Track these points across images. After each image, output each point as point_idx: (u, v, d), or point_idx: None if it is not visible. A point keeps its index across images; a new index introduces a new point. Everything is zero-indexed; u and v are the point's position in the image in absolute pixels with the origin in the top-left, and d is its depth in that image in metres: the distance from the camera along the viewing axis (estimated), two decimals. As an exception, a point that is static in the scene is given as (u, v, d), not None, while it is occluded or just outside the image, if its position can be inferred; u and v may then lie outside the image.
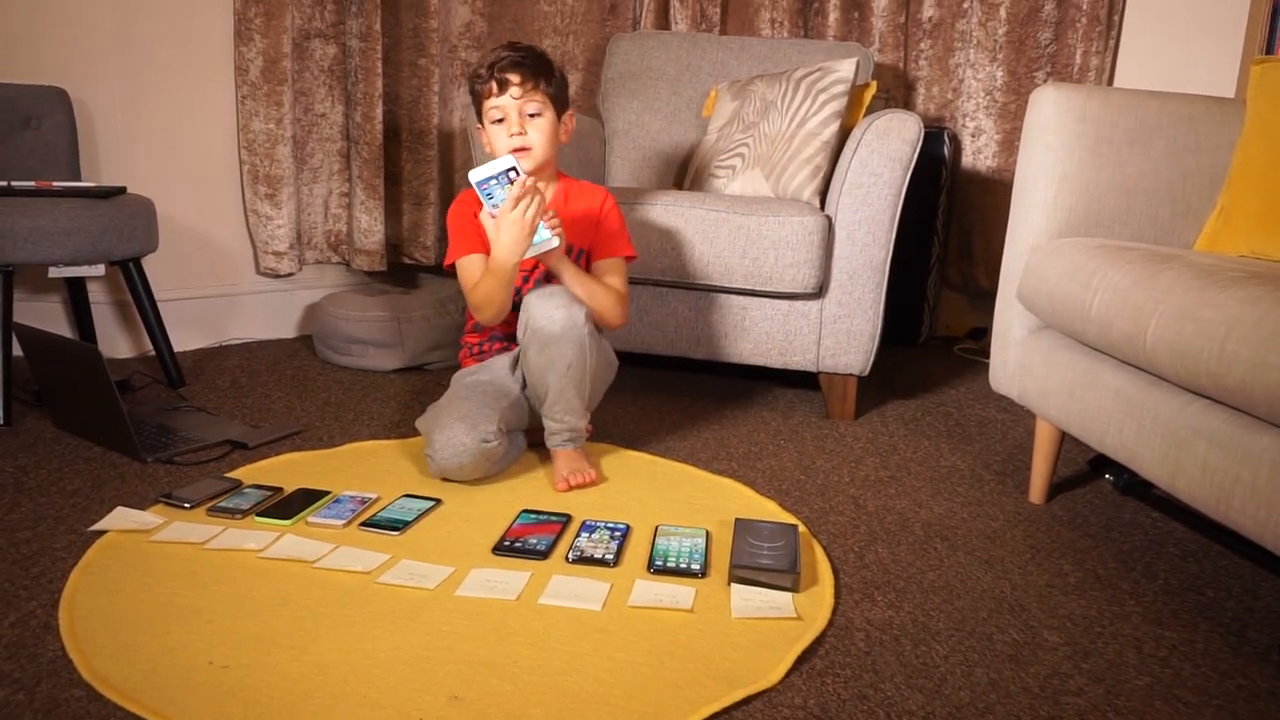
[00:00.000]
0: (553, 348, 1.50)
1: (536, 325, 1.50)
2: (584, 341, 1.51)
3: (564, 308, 1.49)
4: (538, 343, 1.51)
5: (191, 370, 2.16)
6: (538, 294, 1.52)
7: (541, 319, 1.50)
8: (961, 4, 2.64)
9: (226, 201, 2.41)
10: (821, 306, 1.92)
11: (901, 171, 1.86)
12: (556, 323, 1.49)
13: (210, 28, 2.31)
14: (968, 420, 2.03)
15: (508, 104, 1.59)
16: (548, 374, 1.52)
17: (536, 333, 1.51)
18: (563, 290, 1.53)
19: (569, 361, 1.51)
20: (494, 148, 1.62)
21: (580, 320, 1.50)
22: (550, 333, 1.50)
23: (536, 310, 1.50)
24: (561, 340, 1.50)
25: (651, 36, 2.60)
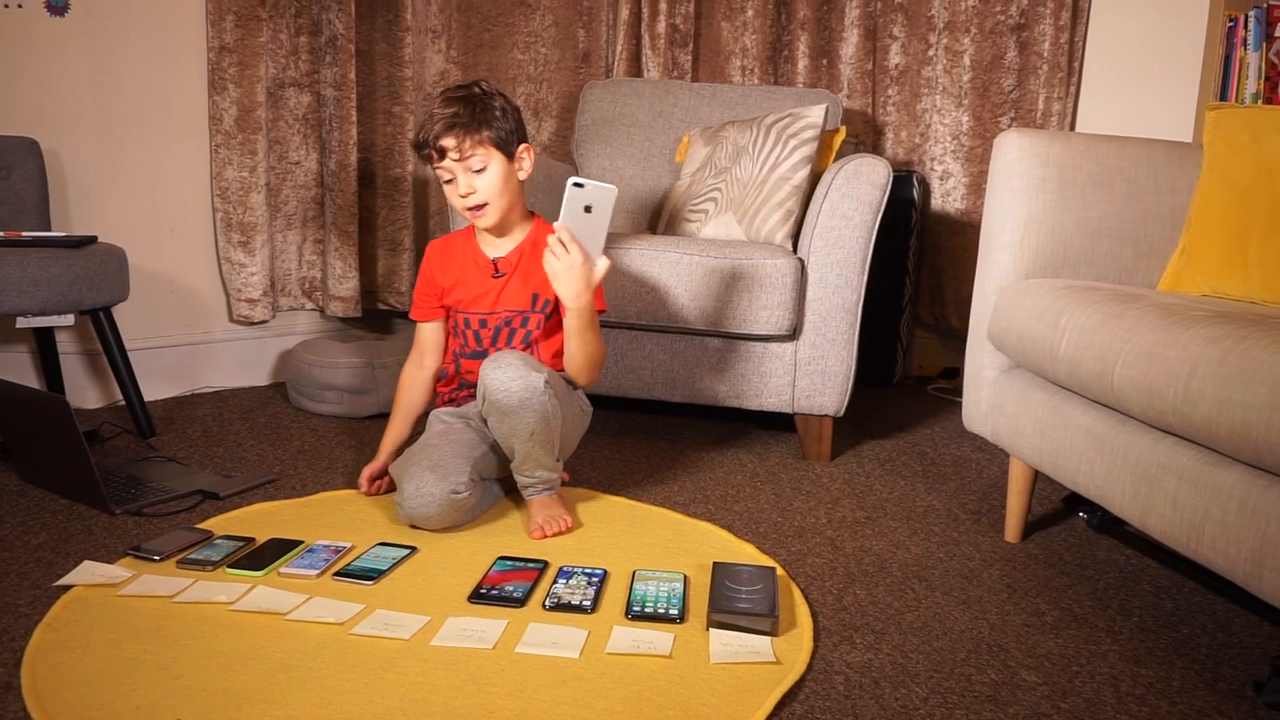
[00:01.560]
0: (513, 417, 1.47)
1: (493, 398, 1.46)
2: (545, 408, 1.46)
3: (520, 378, 1.44)
4: (497, 413, 1.48)
5: (162, 420, 2.14)
6: (492, 363, 1.47)
7: (498, 391, 1.45)
8: (926, 52, 2.71)
9: (199, 249, 2.40)
10: (796, 348, 1.94)
11: (872, 214, 1.89)
12: (514, 395, 1.45)
13: (184, 77, 2.32)
14: (943, 460, 2.05)
15: (451, 166, 1.55)
16: (512, 439, 1.50)
17: (494, 404, 1.47)
18: (517, 357, 1.47)
19: (531, 429, 1.48)
20: (450, 204, 1.62)
21: (539, 386, 1.45)
22: (508, 405, 1.46)
23: (491, 382, 1.46)
24: (520, 410, 1.46)
25: (624, 84, 2.64)
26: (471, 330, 1.65)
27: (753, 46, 2.81)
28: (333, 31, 2.41)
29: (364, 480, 1.66)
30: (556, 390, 1.50)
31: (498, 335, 1.64)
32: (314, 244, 2.55)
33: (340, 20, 2.40)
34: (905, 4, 2.71)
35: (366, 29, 2.51)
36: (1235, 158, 1.52)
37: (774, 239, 2.00)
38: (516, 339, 1.63)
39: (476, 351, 1.65)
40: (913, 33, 2.71)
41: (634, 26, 2.81)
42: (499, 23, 2.72)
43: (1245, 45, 2.14)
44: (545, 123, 2.81)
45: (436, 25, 2.65)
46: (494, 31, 2.72)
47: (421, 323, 1.73)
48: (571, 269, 1.46)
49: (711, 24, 2.84)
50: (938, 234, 2.75)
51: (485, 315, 1.64)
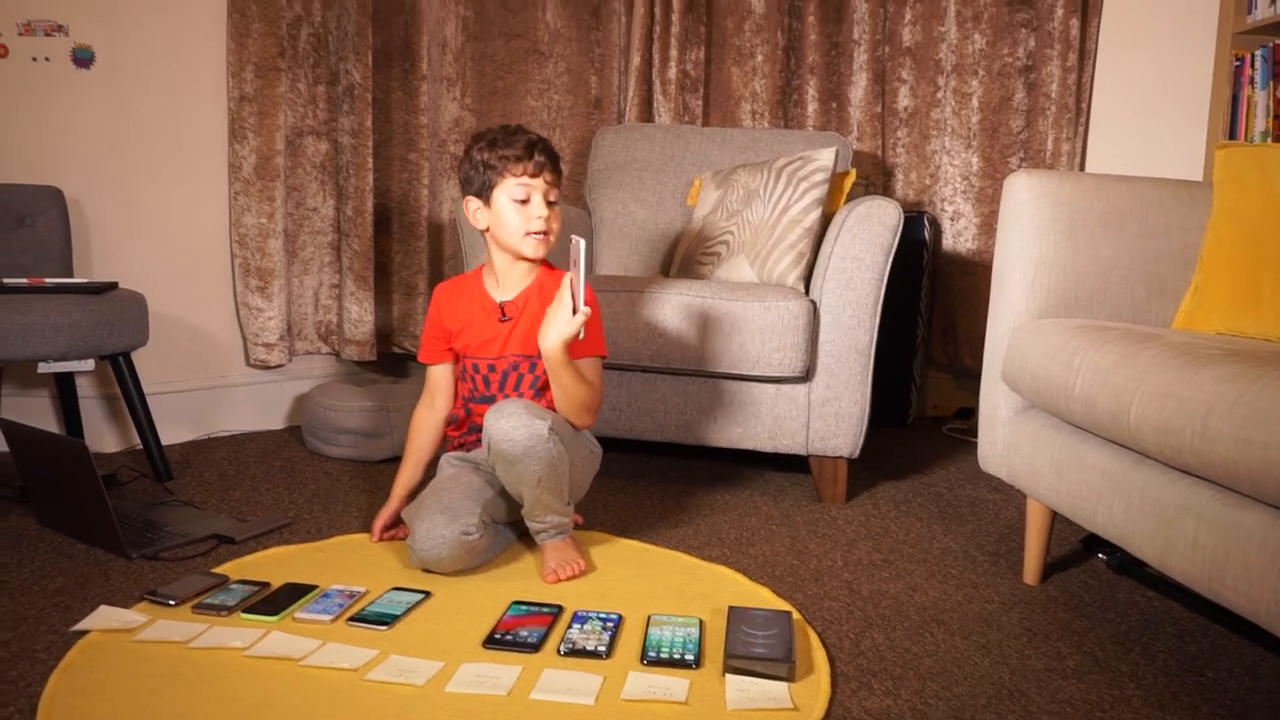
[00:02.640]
0: (519, 465, 1.47)
1: (498, 447, 1.46)
2: (550, 454, 1.46)
3: (523, 426, 1.44)
4: (503, 462, 1.48)
5: (179, 464, 2.15)
6: (496, 412, 1.47)
7: (502, 441, 1.45)
8: (935, 94, 2.74)
9: (217, 295, 2.43)
10: (809, 390, 1.94)
11: (883, 256, 1.90)
12: (518, 443, 1.45)
13: (205, 127, 2.36)
14: (959, 501, 2.03)
15: (539, 186, 1.57)
16: (520, 486, 1.50)
17: (499, 454, 1.47)
18: (520, 405, 1.47)
19: (538, 476, 1.47)
20: (506, 226, 1.58)
21: (543, 434, 1.45)
22: (513, 454, 1.46)
23: (495, 431, 1.46)
24: (526, 457, 1.46)
25: (636, 129, 2.68)
26: (480, 375, 1.66)
27: (763, 91, 2.85)
28: (350, 81, 2.46)
29: (376, 529, 1.66)
30: (562, 435, 1.50)
31: (505, 380, 1.64)
32: (330, 289, 2.58)
33: (358, 70, 2.45)
34: (913, 48, 2.75)
35: (383, 78, 2.56)
36: (1245, 196, 1.52)
37: (786, 281, 2.01)
38: (525, 384, 1.63)
39: (485, 396, 1.65)
40: (921, 76, 2.75)
41: (645, 73, 2.86)
42: (513, 70, 2.77)
43: (1253, 84, 2.15)
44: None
45: (451, 74, 2.70)
46: (508, 79, 2.77)
47: (431, 366, 1.74)
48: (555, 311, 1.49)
49: (722, 69, 2.88)
50: (950, 274, 2.75)
51: (493, 360, 1.64)
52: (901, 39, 2.76)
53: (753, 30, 2.84)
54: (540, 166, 1.57)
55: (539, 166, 1.57)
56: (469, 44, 2.71)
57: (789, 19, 2.84)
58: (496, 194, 1.59)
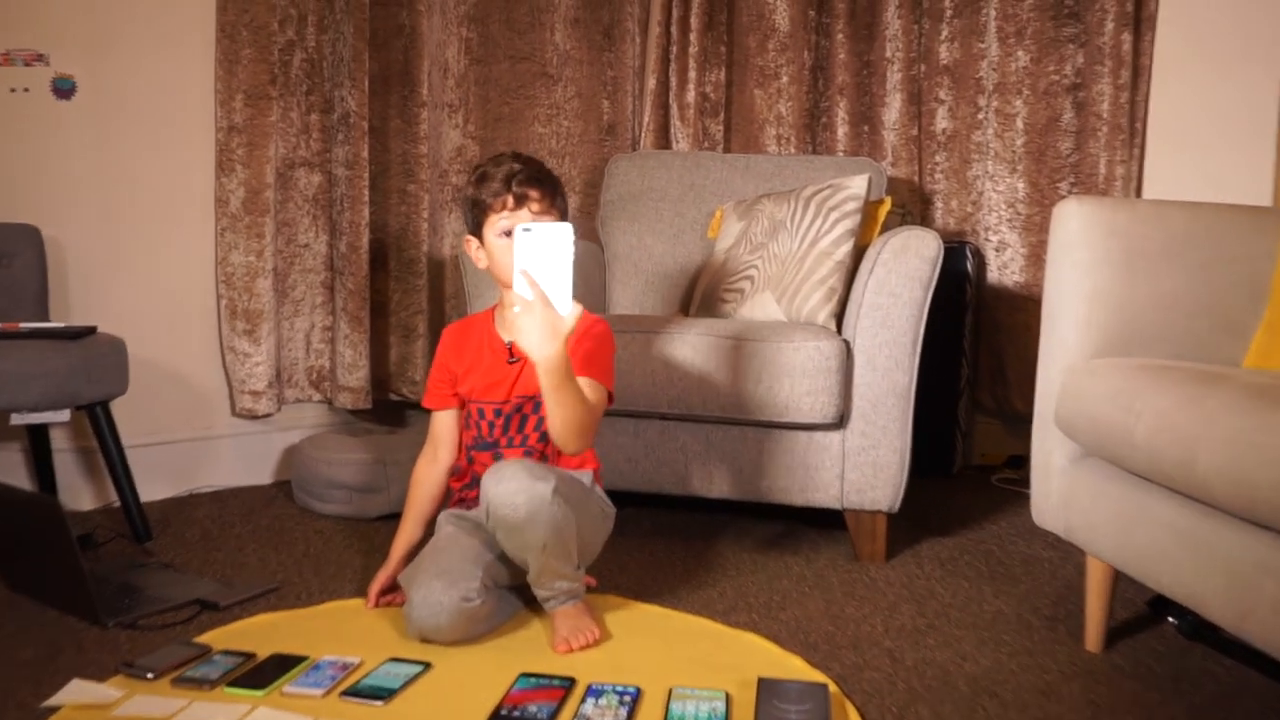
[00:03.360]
0: (522, 533, 1.46)
1: (499, 514, 1.46)
2: (555, 519, 1.45)
3: (524, 489, 1.44)
4: (504, 529, 1.48)
5: (159, 522, 2.16)
6: (493, 476, 1.46)
7: (502, 507, 1.45)
8: (976, 115, 2.76)
9: (202, 339, 2.46)
10: (844, 438, 1.93)
11: (922, 291, 1.90)
12: (519, 509, 1.44)
13: (191, 159, 2.41)
14: (1011, 559, 2.01)
15: (524, 219, 1.57)
16: (524, 554, 1.50)
17: (500, 521, 1.46)
18: (520, 467, 1.46)
19: (543, 542, 1.47)
20: (498, 264, 1.60)
21: (546, 497, 1.44)
22: (514, 520, 1.45)
23: (494, 497, 1.45)
24: (529, 524, 1.45)
25: (652, 156, 2.71)
26: (485, 421, 1.66)
27: (788, 114, 2.88)
28: (345, 108, 2.51)
29: (372, 594, 1.66)
30: (568, 496, 1.49)
31: (509, 424, 1.65)
32: (322, 331, 2.60)
33: (353, 97, 2.50)
34: (951, 66, 2.78)
35: (380, 105, 2.61)
36: (1319, 224, 1.52)
37: (816, 319, 2.02)
38: (529, 426, 1.64)
39: (488, 443, 1.66)
40: (960, 96, 2.77)
41: (661, 96, 2.90)
42: (519, 95, 2.81)
43: (1323, 102, 2.15)
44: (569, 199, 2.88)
45: (454, 99, 2.74)
46: (514, 104, 2.81)
47: (435, 412, 1.75)
48: (530, 315, 1.39)
49: (744, 92, 2.92)
50: (996, 310, 2.75)
51: (499, 404, 1.66)
52: (938, 56, 2.79)
53: (777, 49, 2.88)
54: (520, 198, 1.58)
55: (519, 199, 1.58)
56: (472, 68, 2.76)
57: (816, 37, 2.88)
58: (486, 232, 1.62)
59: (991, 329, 2.77)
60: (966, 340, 2.67)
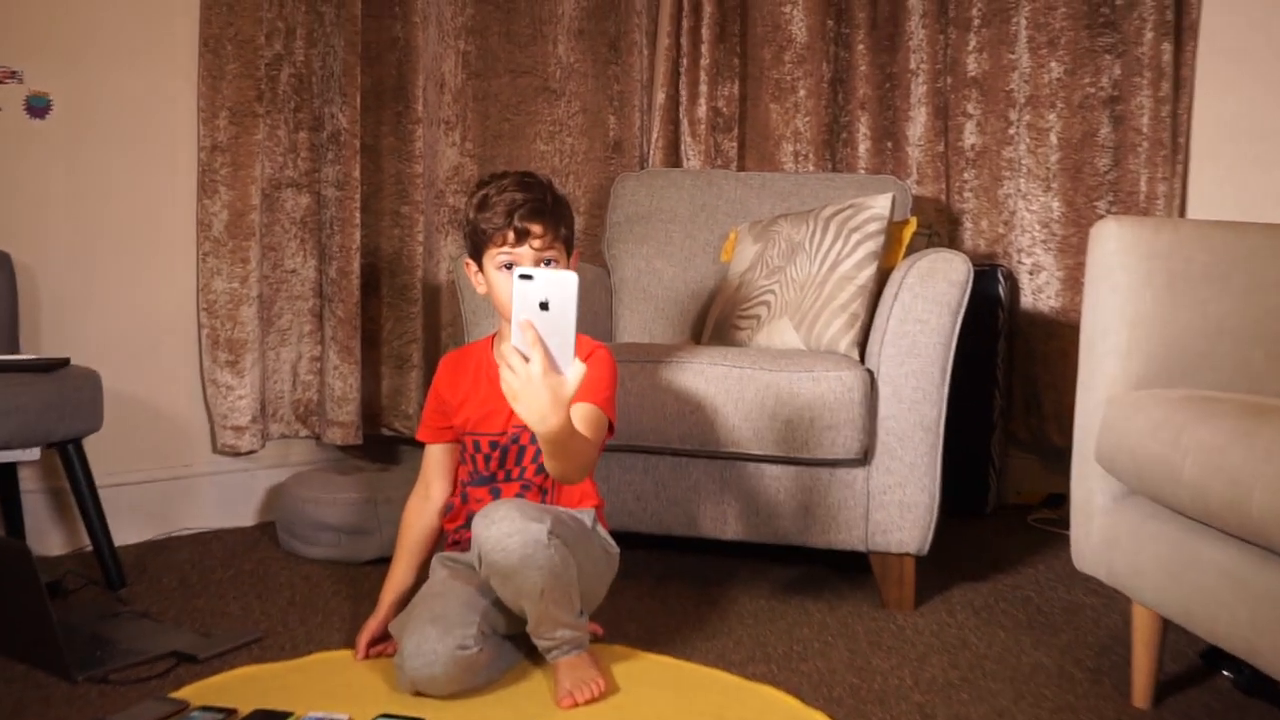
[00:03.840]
0: (516, 579, 1.46)
1: (490, 559, 1.45)
2: (552, 563, 1.45)
3: (517, 532, 1.43)
4: (497, 576, 1.47)
5: (134, 567, 2.16)
6: (484, 519, 1.46)
7: (494, 551, 1.44)
8: (1007, 130, 2.77)
9: (182, 371, 2.47)
10: (868, 474, 1.92)
11: (950, 317, 1.90)
12: (512, 553, 1.43)
13: (172, 181, 2.43)
14: (1051, 606, 2.00)
15: (525, 254, 1.59)
16: (520, 601, 1.49)
17: (492, 566, 1.46)
18: (512, 507, 1.46)
19: (540, 588, 1.46)
20: (502, 298, 1.61)
21: (541, 539, 1.43)
22: (507, 565, 1.44)
23: (485, 541, 1.44)
24: (523, 569, 1.44)
25: (661, 175, 2.72)
26: (481, 454, 1.66)
27: (806, 130, 2.89)
28: (336, 126, 2.53)
29: (361, 645, 1.65)
30: (567, 536, 1.49)
31: (506, 456, 1.65)
32: (310, 362, 2.61)
33: (344, 114, 2.52)
34: (979, 78, 2.79)
35: (373, 122, 2.63)
36: (1376, 244, 1.52)
37: (837, 347, 2.02)
38: (527, 458, 1.64)
39: (484, 477, 1.66)
40: (989, 110, 2.78)
41: (671, 111, 2.91)
42: (520, 111, 2.83)
43: (1378, 114, 2.16)
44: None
45: (450, 116, 2.77)
46: (514, 121, 2.83)
47: (428, 445, 1.75)
48: (530, 383, 1.33)
49: (759, 106, 2.94)
50: (1030, 337, 2.75)
51: (495, 436, 1.66)
52: (965, 68, 2.80)
53: (794, 61, 2.90)
54: (522, 234, 1.58)
55: (520, 235, 1.58)
56: (470, 82, 2.78)
57: (835, 48, 2.90)
58: (486, 263, 1.63)
59: (1026, 357, 2.76)
60: (999, 370, 2.67)
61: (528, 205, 1.59)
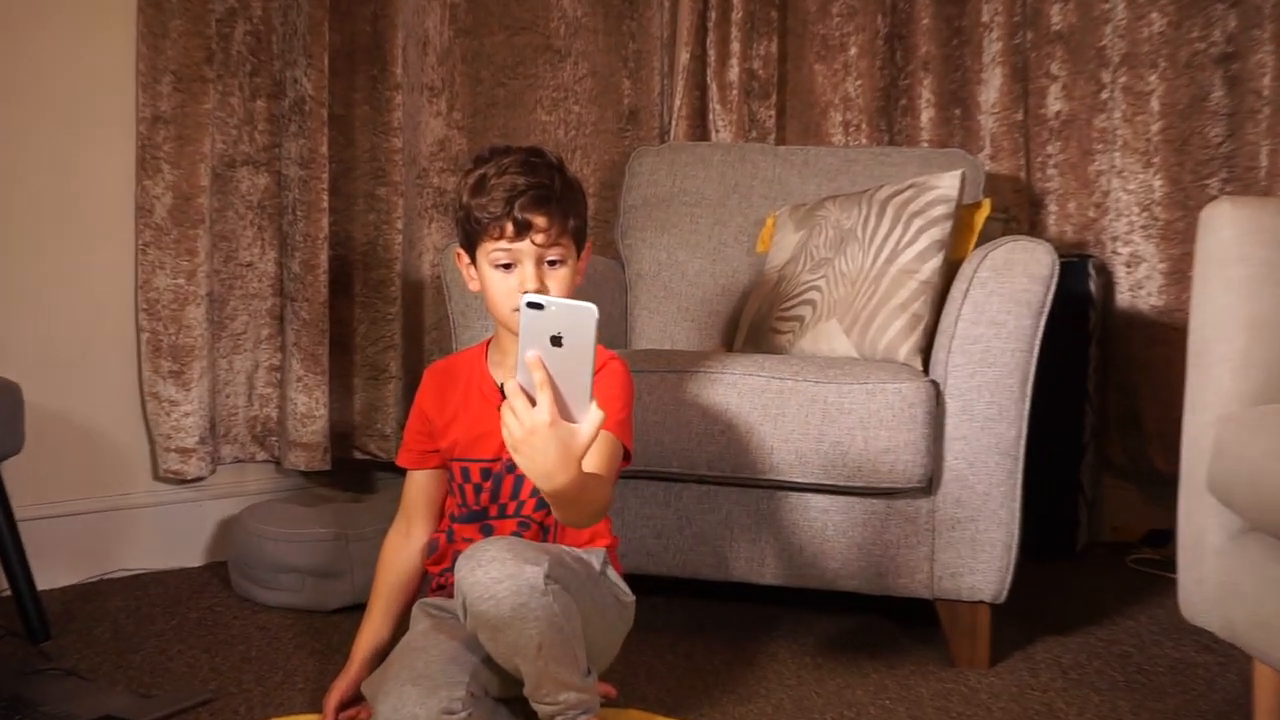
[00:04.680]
0: (508, 633, 1.43)
1: (477, 609, 1.42)
2: (550, 612, 1.42)
3: (509, 577, 1.40)
4: (485, 629, 1.44)
5: (61, 616, 2.16)
6: (469, 560, 1.43)
7: (481, 600, 1.41)
8: (1098, 94, 2.75)
9: (117, 383, 2.48)
10: (933, 506, 1.92)
11: (1032, 318, 1.89)
12: (503, 602, 1.41)
13: (106, 158, 2.44)
14: (1155, 665, 1.99)
15: (526, 250, 1.58)
16: (515, 659, 1.46)
17: (480, 618, 1.43)
18: (503, 547, 1.44)
19: (537, 643, 1.44)
20: (490, 296, 1.61)
21: (536, 584, 1.41)
22: (497, 617, 1.42)
23: (470, 589, 1.41)
24: (516, 622, 1.42)
25: (685, 150, 2.72)
26: (471, 484, 1.66)
27: (858, 95, 2.89)
28: (299, 93, 2.54)
29: (330, 707, 1.65)
30: (569, 581, 1.47)
31: (499, 488, 1.64)
32: (269, 372, 2.62)
33: (309, 78, 2.53)
34: (1066, 33, 2.78)
35: (343, 88, 2.64)
36: None
37: (896, 355, 2.01)
38: (525, 491, 1.63)
39: (475, 512, 1.65)
40: (1078, 70, 2.77)
41: (697, 74, 2.91)
42: (517, 75, 2.84)
43: None
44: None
45: (435, 80, 2.78)
46: (511, 86, 2.84)
47: (410, 472, 1.75)
48: (535, 434, 1.27)
49: (801, 67, 2.94)
50: (1128, 341, 2.73)
51: (488, 463, 1.66)
52: (1049, 21, 2.80)
53: (843, 14, 2.90)
54: (523, 227, 1.56)
55: (521, 227, 1.55)
56: (459, 41, 2.79)
57: (892, -2, 2.90)
58: (480, 257, 1.62)
59: (1123, 366, 2.75)
60: (1091, 381, 2.65)
61: (531, 192, 1.56)
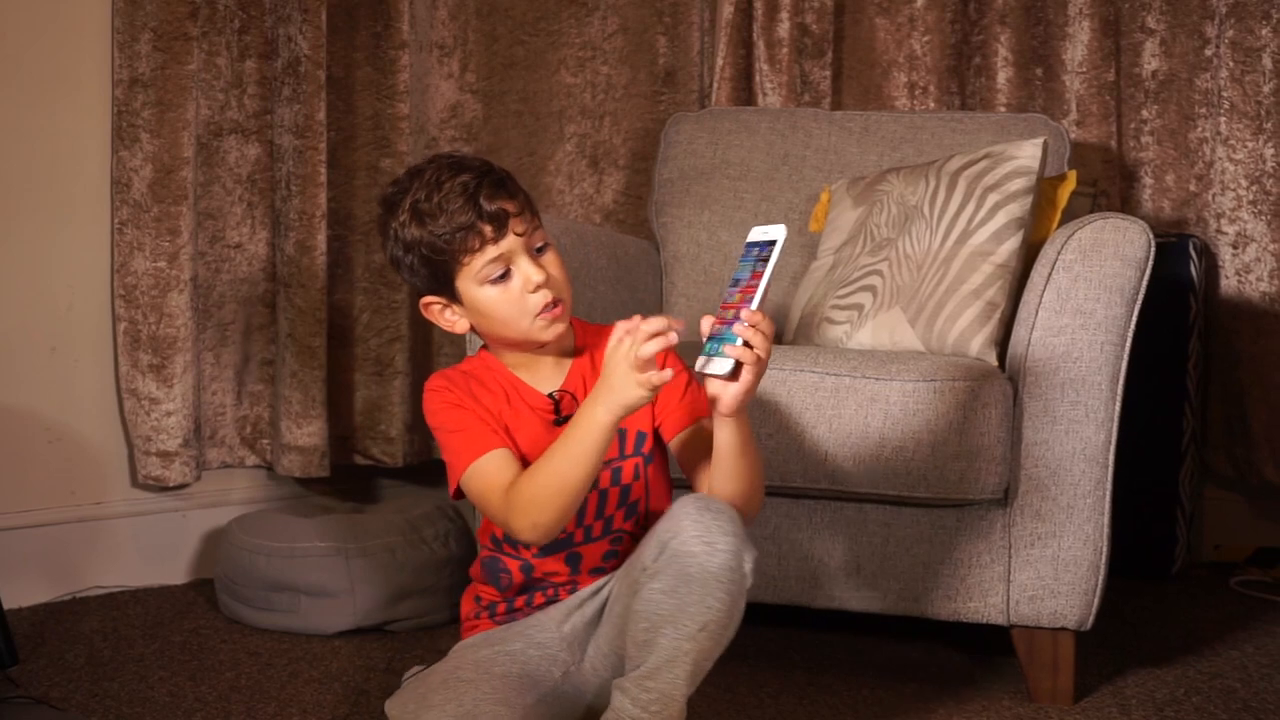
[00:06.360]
0: (695, 590, 1.43)
1: (687, 549, 1.43)
2: (739, 599, 1.45)
3: (733, 534, 1.43)
4: (674, 576, 1.44)
5: (29, 638, 2.18)
6: (697, 502, 1.46)
7: (695, 540, 1.43)
8: (1202, 50, 2.73)
9: (90, 379, 2.49)
10: (1009, 520, 1.91)
11: (1123, 307, 1.88)
12: (718, 555, 1.43)
13: (76, 127, 2.45)
14: (1262, 701, 1.98)
15: (514, 246, 1.55)
16: (664, 628, 1.45)
17: (680, 557, 1.43)
18: (725, 509, 1.47)
19: (707, 619, 1.44)
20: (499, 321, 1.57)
21: (749, 562, 1.45)
22: (704, 569, 1.43)
23: (691, 528, 1.44)
24: (713, 584, 1.43)
25: (728, 115, 2.72)
26: None
27: (925, 53, 2.87)
28: (294, 52, 2.55)
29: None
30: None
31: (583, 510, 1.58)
32: (261, 366, 2.63)
33: (305, 36, 2.54)
34: (1163, -20, 2.77)
35: (343, 47, 2.65)
36: None
37: (968, 348, 2.01)
38: (612, 504, 1.61)
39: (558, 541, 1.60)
40: (1177, 23, 2.75)
41: (742, 30, 2.90)
42: (538, 31, 2.84)
43: None
44: (608, 176, 2.90)
45: (446, 38, 2.78)
46: (531, 44, 2.84)
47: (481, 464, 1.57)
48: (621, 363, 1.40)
49: (860, 22, 2.92)
50: (1234, 334, 2.71)
51: None
52: (1144, -34, 2.78)
53: (908, -40, 2.89)
54: (499, 218, 1.53)
55: (497, 220, 1.53)
56: (473, -7, 2.80)
57: (965, -59, 2.89)
58: (463, 287, 1.57)
59: (1228, 361, 2.73)
60: (1190, 379, 2.64)
61: (484, 180, 1.54)
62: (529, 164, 2.83)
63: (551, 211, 2.80)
